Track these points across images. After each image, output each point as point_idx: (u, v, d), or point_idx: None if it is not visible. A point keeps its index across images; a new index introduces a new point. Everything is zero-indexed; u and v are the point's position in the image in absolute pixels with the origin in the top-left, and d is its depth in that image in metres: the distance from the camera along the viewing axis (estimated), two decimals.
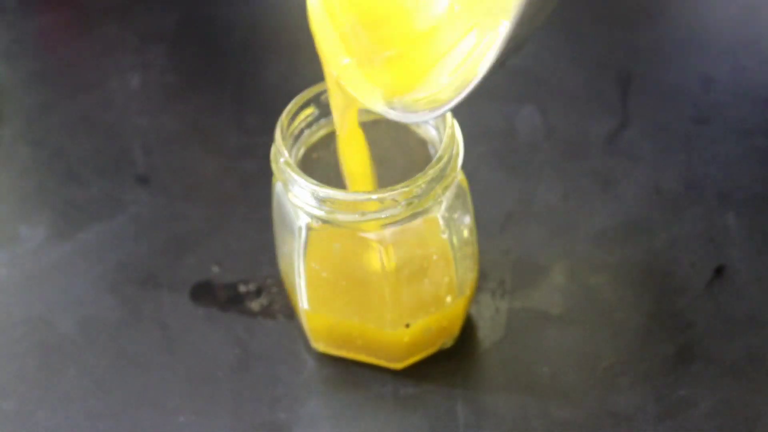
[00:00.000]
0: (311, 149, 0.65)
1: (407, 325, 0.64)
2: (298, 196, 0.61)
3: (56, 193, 0.76)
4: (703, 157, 0.75)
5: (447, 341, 0.67)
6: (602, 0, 0.84)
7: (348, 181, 0.64)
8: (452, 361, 0.67)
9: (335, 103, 0.61)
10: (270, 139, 0.62)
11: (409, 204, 0.60)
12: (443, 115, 0.63)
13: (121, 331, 0.68)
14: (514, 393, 0.65)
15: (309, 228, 0.62)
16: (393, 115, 0.57)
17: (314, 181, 0.60)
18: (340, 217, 0.61)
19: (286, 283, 0.67)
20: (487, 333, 0.68)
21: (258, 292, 0.70)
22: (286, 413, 0.65)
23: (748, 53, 0.81)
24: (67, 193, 0.75)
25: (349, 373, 0.66)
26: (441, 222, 0.62)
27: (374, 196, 0.60)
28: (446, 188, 0.61)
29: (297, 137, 0.64)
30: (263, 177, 0.69)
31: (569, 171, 0.75)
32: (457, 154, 0.62)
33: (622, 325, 0.67)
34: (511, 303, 0.69)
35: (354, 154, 0.63)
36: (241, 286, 0.70)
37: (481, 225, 0.68)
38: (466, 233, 0.64)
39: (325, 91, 0.64)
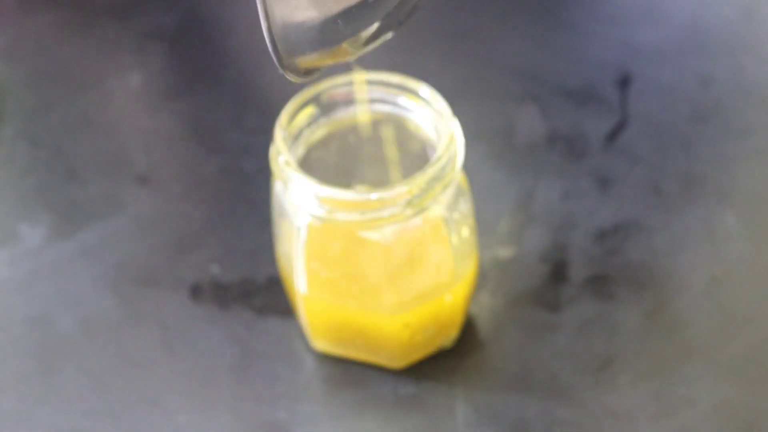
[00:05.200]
0: (311, 149, 0.65)
1: (406, 324, 0.64)
2: (297, 196, 0.61)
3: (56, 192, 0.76)
4: (702, 156, 0.75)
5: (446, 341, 0.67)
6: (602, 0, 0.84)
7: None
8: (452, 361, 0.67)
9: None
10: (270, 139, 0.62)
11: (409, 203, 0.60)
12: (443, 115, 0.63)
13: (121, 331, 0.69)
14: (514, 393, 0.65)
15: (309, 227, 0.62)
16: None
17: (314, 181, 0.60)
18: (340, 216, 0.61)
19: (285, 282, 0.67)
20: (486, 333, 0.68)
21: (258, 292, 0.70)
22: (286, 412, 0.65)
23: (747, 53, 0.81)
24: (67, 192, 0.75)
25: (349, 372, 0.66)
26: (441, 221, 0.63)
27: (374, 196, 0.60)
28: (446, 188, 0.61)
29: (297, 137, 0.64)
30: (263, 177, 0.69)
31: (569, 170, 0.75)
32: (457, 154, 0.62)
33: (622, 325, 0.67)
34: (510, 303, 0.69)
35: None
36: (241, 286, 0.70)
37: (481, 225, 0.68)
38: (466, 233, 0.64)
39: (324, 91, 0.64)
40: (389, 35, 0.56)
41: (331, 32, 0.54)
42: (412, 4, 0.55)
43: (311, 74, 0.56)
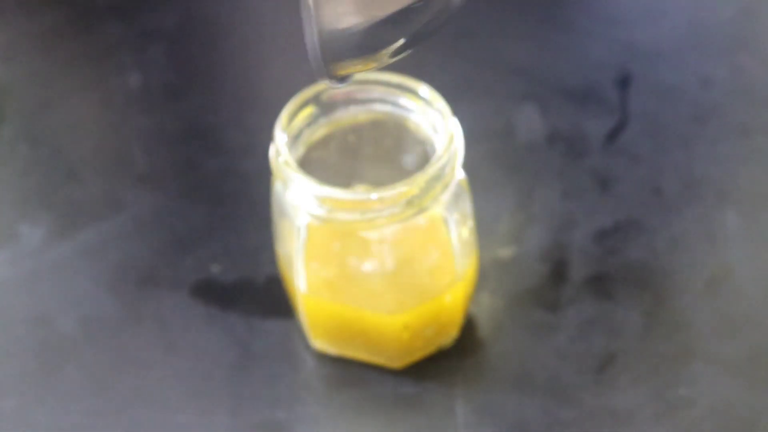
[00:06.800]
0: (311, 149, 0.65)
1: (406, 324, 0.64)
2: (297, 196, 0.61)
3: (56, 192, 0.76)
4: (702, 156, 0.75)
5: (446, 341, 0.67)
6: (602, 0, 0.84)
7: None
8: (452, 361, 0.67)
9: None
10: (270, 139, 0.62)
11: (409, 203, 0.60)
12: (443, 115, 0.63)
13: (121, 330, 0.69)
14: (514, 392, 0.65)
15: (309, 227, 0.62)
16: None
17: (314, 181, 0.60)
18: (340, 216, 0.61)
19: (285, 282, 0.67)
20: (486, 333, 0.68)
21: (258, 292, 0.70)
22: (286, 412, 0.65)
23: (746, 53, 0.81)
24: (67, 192, 0.76)
25: (349, 372, 0.66)
26: (441, 221, 0.63)
27: (374, 196, 0.60)
28: (445, 187, 0.61)
29: (296, 137, 0.64)
30: (263, 177, 0.69)
31: (569, 170, 0.75)
32: (457, 154, 0.62)
33: (622, 325, 0.67)
34: (510, 303, 0.69)
35: None
36: (240, 286, 0.70)
37: (481, 225, 0.68)
38: (466, 233, 0.64)
39: (324, 91, 0.64)
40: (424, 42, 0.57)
41: (374, 38, 0.54)
42: (453, 9, 0.56)
43: (347, 80, 0.56)
